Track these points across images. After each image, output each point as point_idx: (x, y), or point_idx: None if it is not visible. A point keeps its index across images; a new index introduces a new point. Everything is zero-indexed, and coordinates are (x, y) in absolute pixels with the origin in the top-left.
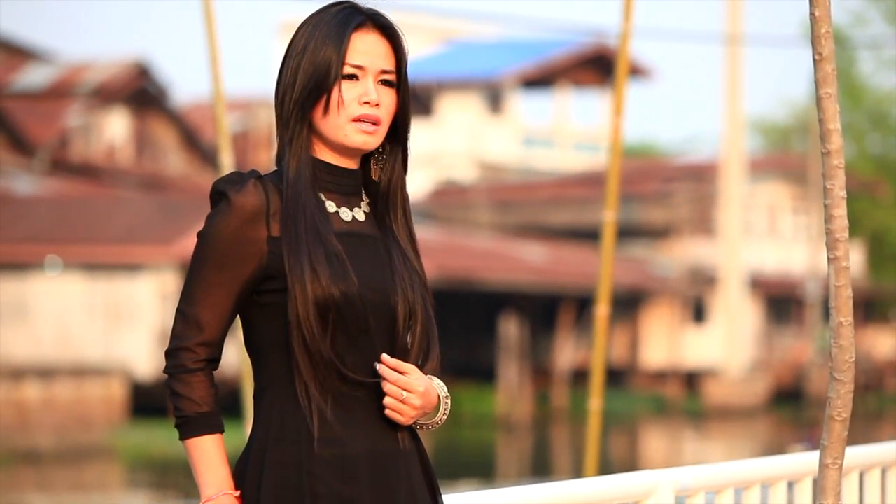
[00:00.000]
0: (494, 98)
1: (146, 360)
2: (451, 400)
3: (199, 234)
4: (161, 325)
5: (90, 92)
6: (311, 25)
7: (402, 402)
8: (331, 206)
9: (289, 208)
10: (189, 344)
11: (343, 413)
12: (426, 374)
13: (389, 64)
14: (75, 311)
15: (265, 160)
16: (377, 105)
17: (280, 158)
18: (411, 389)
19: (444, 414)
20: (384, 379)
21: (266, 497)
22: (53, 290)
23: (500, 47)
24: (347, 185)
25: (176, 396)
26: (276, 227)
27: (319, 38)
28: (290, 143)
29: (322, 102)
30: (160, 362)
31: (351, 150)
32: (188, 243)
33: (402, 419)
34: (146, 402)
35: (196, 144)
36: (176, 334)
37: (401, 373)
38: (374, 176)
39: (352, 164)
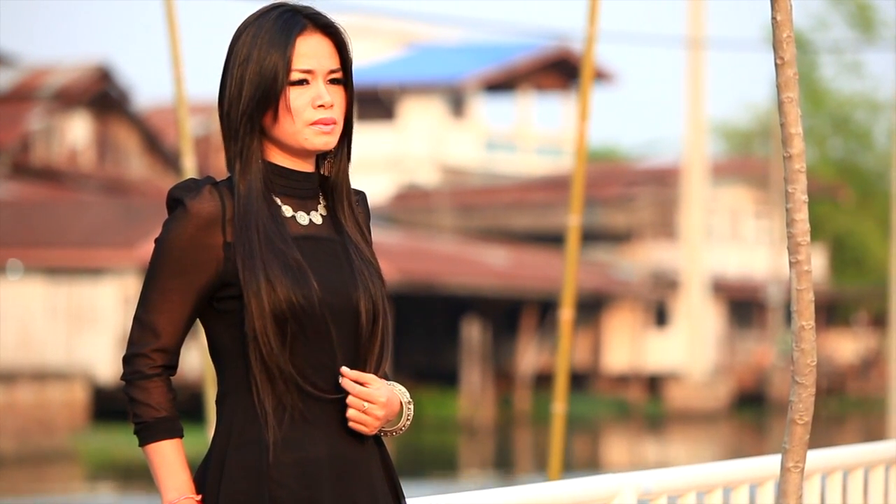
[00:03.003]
0: (457, 102)
1: (108, 364)
2: (414, 404)
3: (156, 241)
4: (123, 329)
5: (52, 95)
6: (252, 34)
7: (364, 413)
8: (287, 211)
9: (241, 221)
10: (145, 350)
11: (304, 418)
12: (382, 372)
13: (335, 62)
14: (37, 315)
15: None
16: (331, 106)
17: (231, 166)
18: (373, 401)
19: (408, 419)
20: (346, 391)
21: (225, 502)
22: (15, 295)
23: (463, 51)
24: (304, 188)
25: (134, 402)
26: (233, 233)
27: (263, 46)
28: (240, 154)
29: (271, 111)
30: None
31: (311, 153)
32: (150, 247)
33: (366, 430)
34: (108, 406)
35: (158, 148)
36: (132, 341)
37: (362, 383)
38: (325, 172)
39: (307, 166)
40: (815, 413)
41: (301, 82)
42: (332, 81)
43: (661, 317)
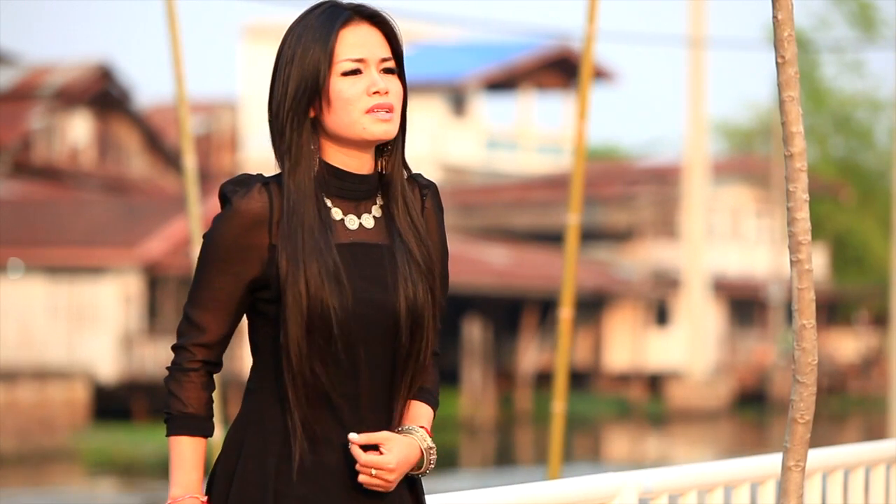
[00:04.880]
0: (458, 101)
1: (109, 363)
2: None
3: (204, 237)
4: (124, 328)
5: (53, 94)
6: (297, 34)
7: (375, 477)
8: (337, 214)
9: (288, 220)
10: (187, 343)
11: (324, 427)
12: (423, 370)
13: (386, 51)
14: (38, 313)
15: (228, 163)
16: (387, 93)
17: (280, 164)
18: (381, 467)
19: (431, 464)
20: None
21: (235, 494)
22: (16, 293)
23: (464, 50)
24: (359, 190)
25: (169, 393)
26: (278, 234)
27: (308, 41)
28: (288, 151)
29: (316, 103)
30: (123, 365)
31: (371, 143)
32: (151, 246)
33: (382, 490)
34: (109, 404)
35: (159, 147)
36: (178, 333)
37: (376, 444)
38: (383, 169)
39: (365, 166)
40: (817, 412)
41: (354, 72)
42: (386, 71)
43: (661, 316)
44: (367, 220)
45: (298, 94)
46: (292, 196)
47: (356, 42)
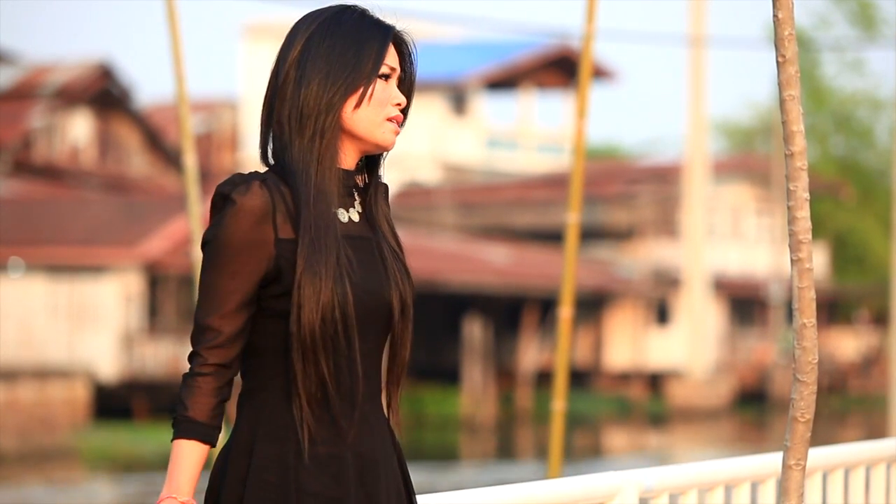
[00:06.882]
0: (458, 100)
1: (109, 362)
2: (416, 402)
3: (207, 240)
4: (124, 327)
5: (53, 93)
6: (335, 22)
7: None
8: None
9: (315, 206)
10: (200, 349)
11: (332, 416)
12: (400, 365)
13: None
14: (38, 312)
15: (228, 162)
16: (402, 111)
17: (281, 156)
18: None
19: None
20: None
21: (252, 492)
22: (16, 292)
23: (464, 49)
24: (347, 186)
25: (178, 397)
26: (284, 229)
27: (361, 31)
28: (321, 135)
29: (355, 95)
30: (123, 364)
31: (377, 148)
32: (151, 245)
33: None
34: (109, 403)
35: (159, 146)
36: (191, 340)
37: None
38: (360, 182)
39: (353, 164)
40: (817, 411)
41: (387, 77)
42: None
43: (662, 314)
44: (354, 215)
45: (346, 80)
46: (317, 186)
47: (392, 52)
